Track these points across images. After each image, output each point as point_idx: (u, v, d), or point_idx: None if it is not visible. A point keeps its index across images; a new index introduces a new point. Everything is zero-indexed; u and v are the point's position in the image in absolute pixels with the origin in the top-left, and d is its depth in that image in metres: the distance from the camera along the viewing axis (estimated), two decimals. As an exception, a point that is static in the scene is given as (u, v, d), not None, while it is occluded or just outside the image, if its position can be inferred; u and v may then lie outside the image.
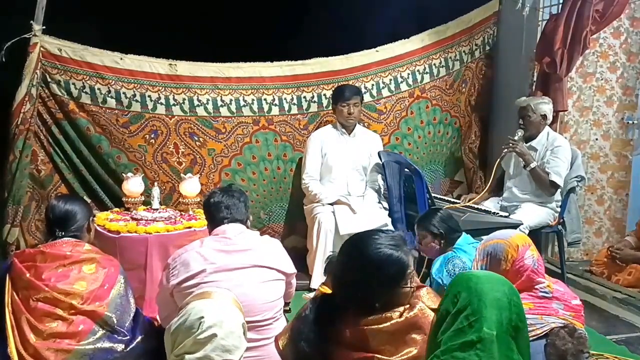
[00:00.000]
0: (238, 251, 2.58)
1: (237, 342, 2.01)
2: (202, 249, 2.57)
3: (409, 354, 1.87)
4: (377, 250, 1.94)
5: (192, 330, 1.97)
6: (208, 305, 2.05)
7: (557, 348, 2.26)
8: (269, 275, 2.59)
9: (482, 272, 1.86)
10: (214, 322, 1.98)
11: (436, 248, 3.18)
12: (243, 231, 2.69)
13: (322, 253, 4.09)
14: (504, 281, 1.80)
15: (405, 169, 4.10)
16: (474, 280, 1.74)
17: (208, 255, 2.54)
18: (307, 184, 4.39)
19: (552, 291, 2.43)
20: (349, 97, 4.32)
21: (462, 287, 1.73)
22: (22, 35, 3.80)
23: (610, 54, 4.73)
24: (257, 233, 2.77)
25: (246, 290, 2.47)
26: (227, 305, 2.10)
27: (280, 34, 4.99)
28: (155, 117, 4.25)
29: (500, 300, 1.69)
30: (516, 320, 1.70)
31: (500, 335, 1.65)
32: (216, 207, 2.72)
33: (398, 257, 1.94)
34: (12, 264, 2.49)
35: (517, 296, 1.77)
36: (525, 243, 2.45)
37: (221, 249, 2.58)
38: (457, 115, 5.11)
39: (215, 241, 2.62)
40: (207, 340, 1.95)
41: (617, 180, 4.88)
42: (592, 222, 4.90)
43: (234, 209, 2.72)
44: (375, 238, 1.99)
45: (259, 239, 2.72)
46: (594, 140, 4.82)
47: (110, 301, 2.48)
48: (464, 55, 5.03)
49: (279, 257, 2.70)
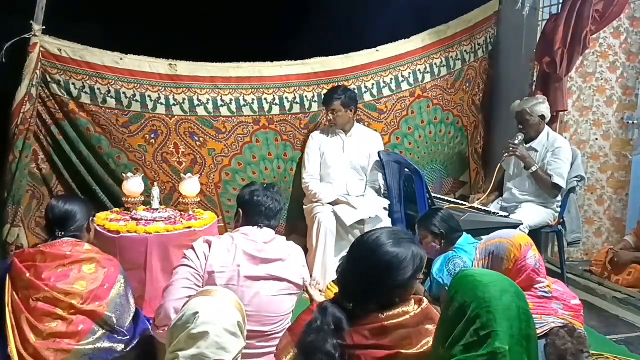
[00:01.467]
0: (264, 260, 2.49)
1: (232, 341, 2.01)
2: (234, 248, 2.47)
3: (426, 345, 1.88)
4: (397, 248, 1.94)
5: (187, 325, 1.97)
6: (205, 302, 2.05)
7: (556, 348, 2.26)
8: (286, 289, 2.52)
9: (485, 274, 1.79)
10: (209, 318, 1.98)
11: (437, 248, 3.18)
12: (273, 238, 2.59)
13: (322, 253, 4.09)
14: (509, 285, 1.76)
15: (405, 169, 4.10)
16: (480, 289, 1.69)
17: (236, 257, 2.46)
18: (307, 183, 4.39)
19: (552, 291, 2.43)
20: (327, 102, 4.33)
21: (468, 297, 1.69)
22: (22, 35, 3.80)
23: (610, 54, 4.73)
24: (283, 239, 2.66)
25: (261, 300, 2.43)
26: (225, 303, 2.10)
27: (280, 34, 4.99)
28: (156, 117, 4.25)
29: (509, 309, 1.66)
30: (526, 329, 1.68)
31: (512, 349, 1.62)
32: (256, 207, 2.60)
33: (417, 251, 1.95)
34: (12, 264, 2.49)
35: (524, 300, 1.74)
36: (528, 243, 2.46)
37: (250, 253, 2.48)
38: (459, 115, 5.11)
39: (246, 243, 2.51)
40: (201, 336, 1.95)
41: (617, 180, 4.88)
42: (592, 222, 4.90)
43: (272, 214, 2.60)
44: (389, 235, 1.98)
45: (286, 248, 2.61)
46: (594, 140, 4.82)
47: (110, 301, 2.48)
48: (466, 55, 5.03)
49: (300, 269, 2.59)
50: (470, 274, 1.81)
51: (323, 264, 4.08)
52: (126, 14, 4.63)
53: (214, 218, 3.77)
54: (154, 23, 4.64)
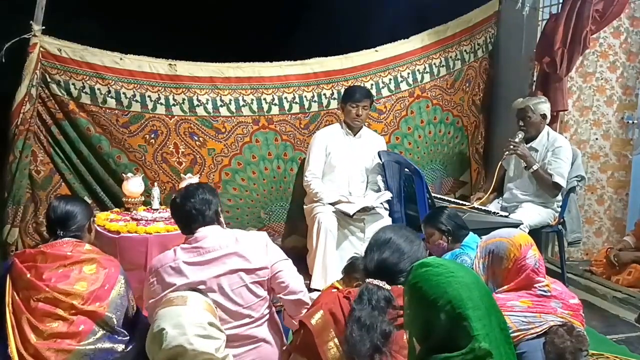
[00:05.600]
0: (212, 260, 2.45)
1: (206, 343, 2.02)
2: (175, 263, 2.44)
3: None
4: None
5: (161, 343, 1.98)
6: (169, 314, 2.06)
7: (555, 346, 2.26)
8: (246, 278, 2.47)
9: (451, 275, 1.68)
10: (176, 331, 1.99)
11: (443, 245, 3.17)
12: (217, 234, 2.54)
13: (322, 253, 4.08)
14: (476, 286, 1.69)
15: (405, 169, 4.10)
16: (450, 293, 1.63)
17: (181, 269, 2.43)
18: (310, 181, 4.38)
19: (551, 290, 2.43)
20: (360, 99, 4.32)
21: (442, 301, 1.63)
22: (22, 35, 3.80)
23: (610, 53, 4.73)
24: (237, 231, 2.62)
25: (219, 298, 2.41)
26: (190, 308, 2.10)
27: (279, 34, 5.00)
28: (155, 117, 4.25)
29: (478, 308, 1.62)
30: (502, 323, 1.69)
31: (492, 344, 1.60)
32: (186, 216, 2.56)
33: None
34: (13, 264, 2.49)
35: (490, 297, 1.71)
36: (528, 242, 2.46)
37: (194, 260, 2.45)
38: (459, 115, 5.11)
39: (187, 252, 2.48)
40: (176, 350, 1.97)
41: (617, 179, 4.88)
42: (592, 221, 4.89)
43: (193, 214, 2.54)
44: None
45: (237, 238, 2.54)
46: (594, 140, 4.82)
47: (110, 301, 2.48)
48: (466, 55, 5.03)
49: (257, 253, 2.52)
50: (434, 276, 1.70)
51: (323, 264, 4.07)
52: (126, 13, 4.63)
53: (214, 218, 3.76)
54: (154, 23, 4.65)
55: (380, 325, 2.04)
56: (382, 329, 2.04)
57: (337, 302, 2.18)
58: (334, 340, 2.10)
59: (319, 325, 2.13)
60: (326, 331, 2.12)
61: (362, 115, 4.35)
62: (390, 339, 2.04)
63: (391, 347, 2.04)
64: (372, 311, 2.06)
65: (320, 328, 2.12)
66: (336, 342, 2.10)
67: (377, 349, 2.02)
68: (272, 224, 4.65)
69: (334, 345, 2.10)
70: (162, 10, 4.80)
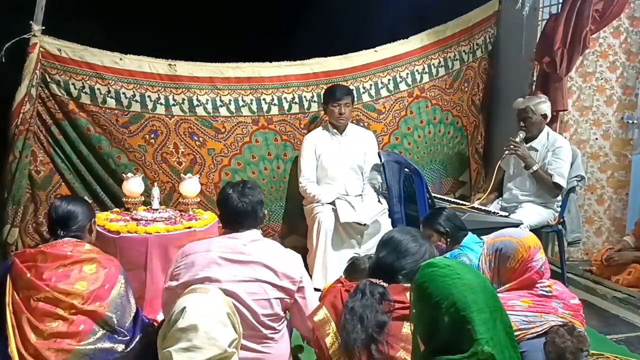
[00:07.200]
0: (246, 262, 2.46)
1: (222, 331, 2.03)
2: (210, 254, 2.46)
3: None
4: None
5: (176, 321, 1.99)
6: (192, 298, 2.09)
7: (556, 346, 2.26)
8: (271, 293, 2.46)
9: (457, 277, 1.68)
10: (197, 312, 2.01)
11: (442, 247, 3.17)
12: (257, 239, 2.54)
13: (322, 253, 4.09)
14: (482, 288, 1.68)
15: (405, 169, 4.10)
16: (455, 295, 1.63)
17: (214, 262, 2.44)
18: (305, 186, 4.38)
19: (552, 290, 2.43)
20: (340, 97, 4.32)
21: (447, 303, 1.63)
22: (22, 36, 3.80)
23: (610, 53, 4.73)
24: (276, 243, 2.64)
25: (239, 303, 2.39)
26: (212, 298, 2.12)
27: (279, 34, 5.00)
28: (155, 117, 4.25)
29: (483, 312, 1.62)
30: (508, 327, 1.69)
31: (495, 348, 1.60)
32: (229, 212, 2.56)
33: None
34: (13, 264, 2.49)
35: (496, 299, 1.71)
36: (537, 245, 2.45)
37: (229, 257, 2.46)
38: (459, 115, 5.10)
39: (224, 247, 2.49)
40: (190, 328, 1.97)
41: (617, 179, 4.88)
42: (592, 221, 4.89)
43: (245, 213, 2.54)
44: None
45: (273, 251, 2.55)
46: (594, 139, 4.82)
47: (110, 301, 2.48)
48: (465, 55, 5.03)
49: (290, 272, 2.51)
50: (439, 277, 1.70)
51: (323, 264, 4.07)
52: (126, 13, 4.63)
53: (214, 218, 3.76)
54: (154, 23, 4.64)
55: (374, 315, 2.10)
56: (377, 319, 2.10)
57: (339, 294, 2.27)
58: (333, 329, 2.20)
59: (321, 321, 2.23)
60: (327, 323, 2.22)
61: (345, 113, 4.35)
62: (386, 330, 2.10)
63: (387, 337, 2.09)
64: (365, 302, 2.13)
65: (322, 322, 2.22)
66: (334, 330, 2.19)
67: (372, 339, 2.08)
68: (272, 224, 4.65)
69: (333, 333, 2.19)
70: (162, 10, 4.80)
